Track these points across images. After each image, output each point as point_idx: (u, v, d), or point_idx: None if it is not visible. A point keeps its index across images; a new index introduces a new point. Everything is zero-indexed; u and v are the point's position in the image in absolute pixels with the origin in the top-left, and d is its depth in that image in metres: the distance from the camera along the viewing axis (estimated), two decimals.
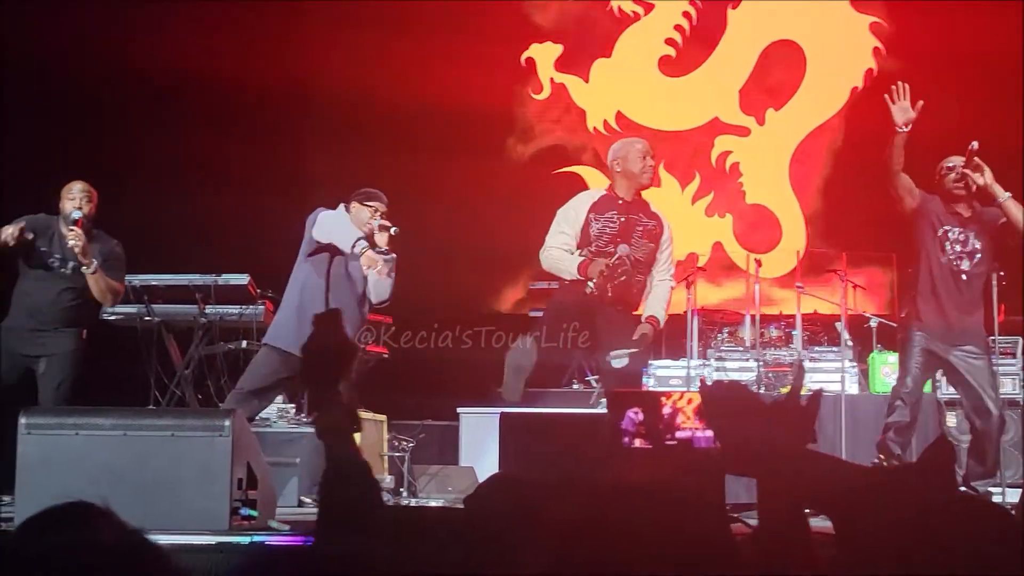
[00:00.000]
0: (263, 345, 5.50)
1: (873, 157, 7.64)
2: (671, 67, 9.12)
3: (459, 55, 8.81)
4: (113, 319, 6.92)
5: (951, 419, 6.44)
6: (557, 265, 5.44)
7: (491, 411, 6.56)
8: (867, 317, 7.17)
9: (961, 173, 5.25)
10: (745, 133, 9.02)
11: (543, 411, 5.34)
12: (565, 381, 7.49)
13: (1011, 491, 5.52)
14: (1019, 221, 5.21)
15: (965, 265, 5.37)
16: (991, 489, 5.46)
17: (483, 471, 6.45)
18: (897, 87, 5.25)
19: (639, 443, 4.09)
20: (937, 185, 5.42)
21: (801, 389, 1.64)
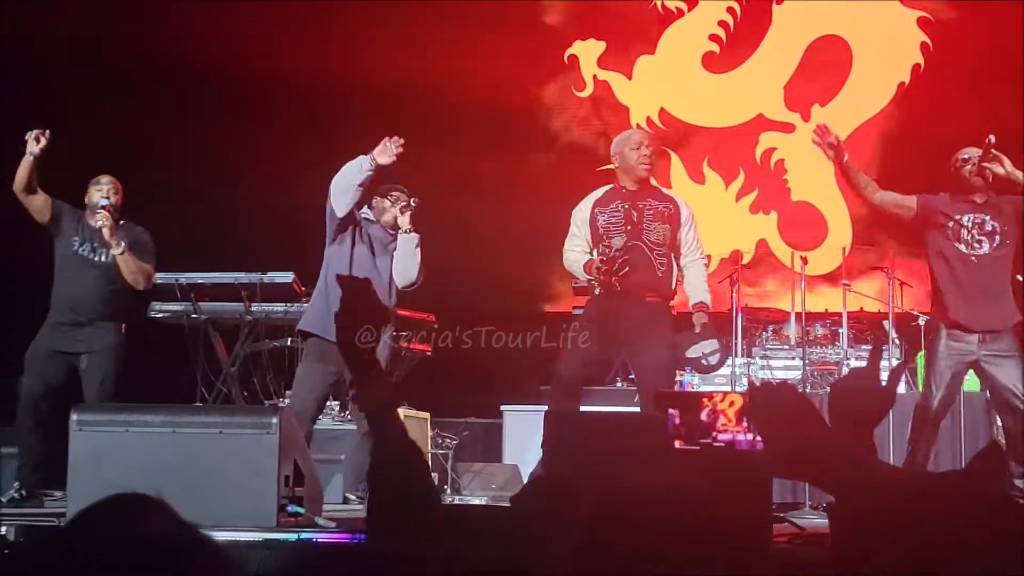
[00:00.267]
0: (299, 334, 5.54)
1: (920, 152, 7.58)
2: (715, 63, 9.06)
3: (503, 51, 8.82)
4: (160, 317, 7.01)
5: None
6: (571, 268, 5.39)
7: (534, 409, 6.58)
8: (915, 315, 7.06)
9: (979, 166, 5.14)
10: (790, 129, 8.94)
11: (588, 409, 5.29)
12: (609, 379, 7.47)
13: None
14: None
15: (985, 247, 5.18)
16: None
17: (526, 469, 6.46)
18: (818, 129, 5.27)
19: (680, 444, 4.06)
20: (952, 177, 5.30)
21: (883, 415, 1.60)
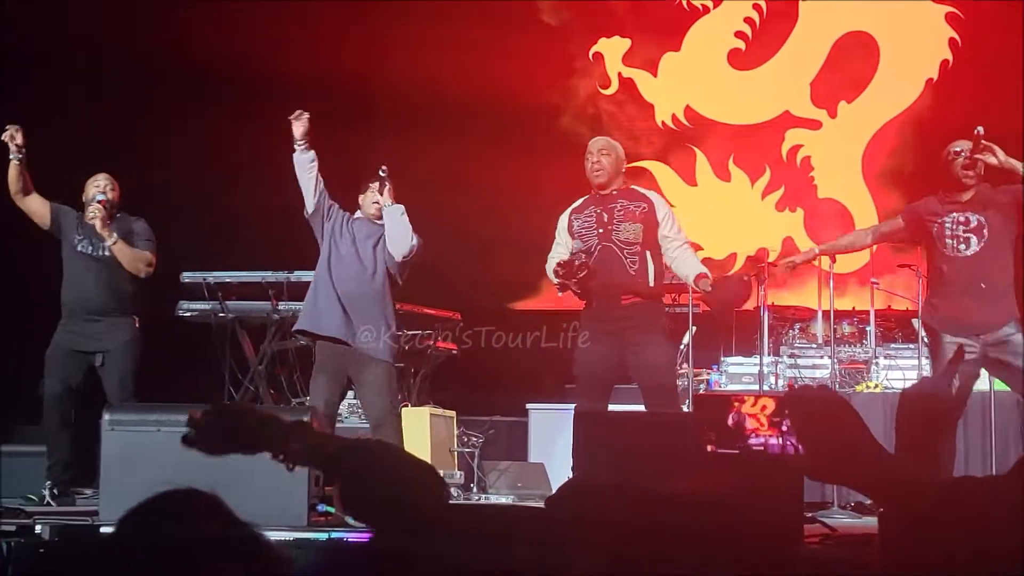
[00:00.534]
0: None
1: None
2: (741, 60, 9.03)
3: (525, 50, 8.81)
4: (188, 316, 7.05)
5: None
6: (548, 275, 5.25)
7: (560, 407, 6.57)
8: None
9: (970, 158, 5.07)
10: (817, 126, 8.90)
11: (616, 408, 5.26)
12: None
13: None
14: None
15: (973, 243, 5.10)
16: None
17: (552, 467, 6.46)
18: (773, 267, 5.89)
19: (712, 448, 4.03)
20: (944, 170, 5.23)
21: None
